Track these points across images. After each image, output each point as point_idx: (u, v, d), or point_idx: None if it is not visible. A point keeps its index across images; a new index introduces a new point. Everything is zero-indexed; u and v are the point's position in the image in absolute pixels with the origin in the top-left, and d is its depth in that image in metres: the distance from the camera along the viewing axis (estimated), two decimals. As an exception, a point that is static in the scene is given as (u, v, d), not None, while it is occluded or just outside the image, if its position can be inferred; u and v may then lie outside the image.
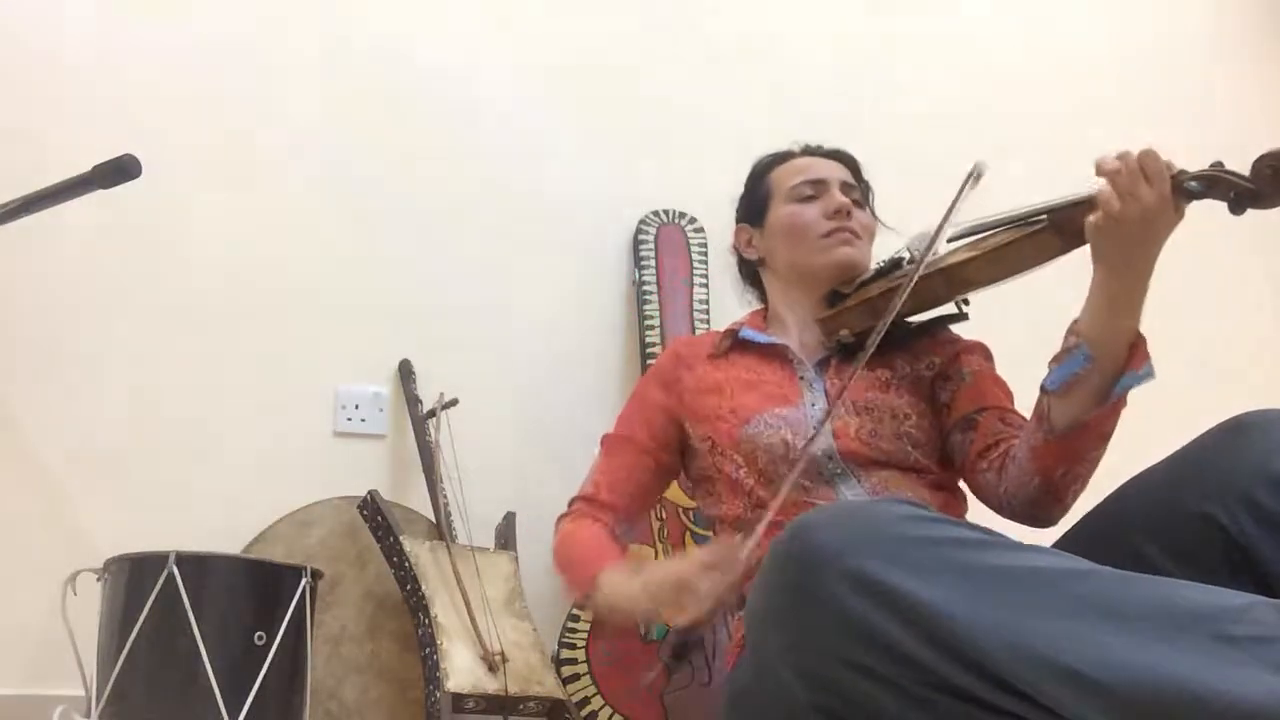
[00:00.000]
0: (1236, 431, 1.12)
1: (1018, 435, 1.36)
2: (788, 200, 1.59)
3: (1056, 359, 1.27)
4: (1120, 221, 1.19)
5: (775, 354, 1.55)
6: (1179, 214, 1.20)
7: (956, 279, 1.40)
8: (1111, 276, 1.22)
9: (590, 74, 2.38)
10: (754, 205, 1.66)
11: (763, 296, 1.69)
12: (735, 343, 1.58)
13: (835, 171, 1.61)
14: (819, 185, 1.58)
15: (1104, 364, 1.22)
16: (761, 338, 1.57)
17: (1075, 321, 1.27)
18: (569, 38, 2.39)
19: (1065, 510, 1.30)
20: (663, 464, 1.62)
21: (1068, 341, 1.27)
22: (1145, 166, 1.18)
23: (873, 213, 1.64)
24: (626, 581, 1.37)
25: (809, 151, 1.66)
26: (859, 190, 1.62)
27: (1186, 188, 1.18)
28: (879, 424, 1.44)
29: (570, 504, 1.63)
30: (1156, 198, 1.17)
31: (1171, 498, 1.12)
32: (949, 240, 1.41)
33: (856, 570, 0.90)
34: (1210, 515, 1.07)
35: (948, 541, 0.92)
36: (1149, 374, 1.23)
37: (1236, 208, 1.18)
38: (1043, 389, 1.28)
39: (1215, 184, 1.18)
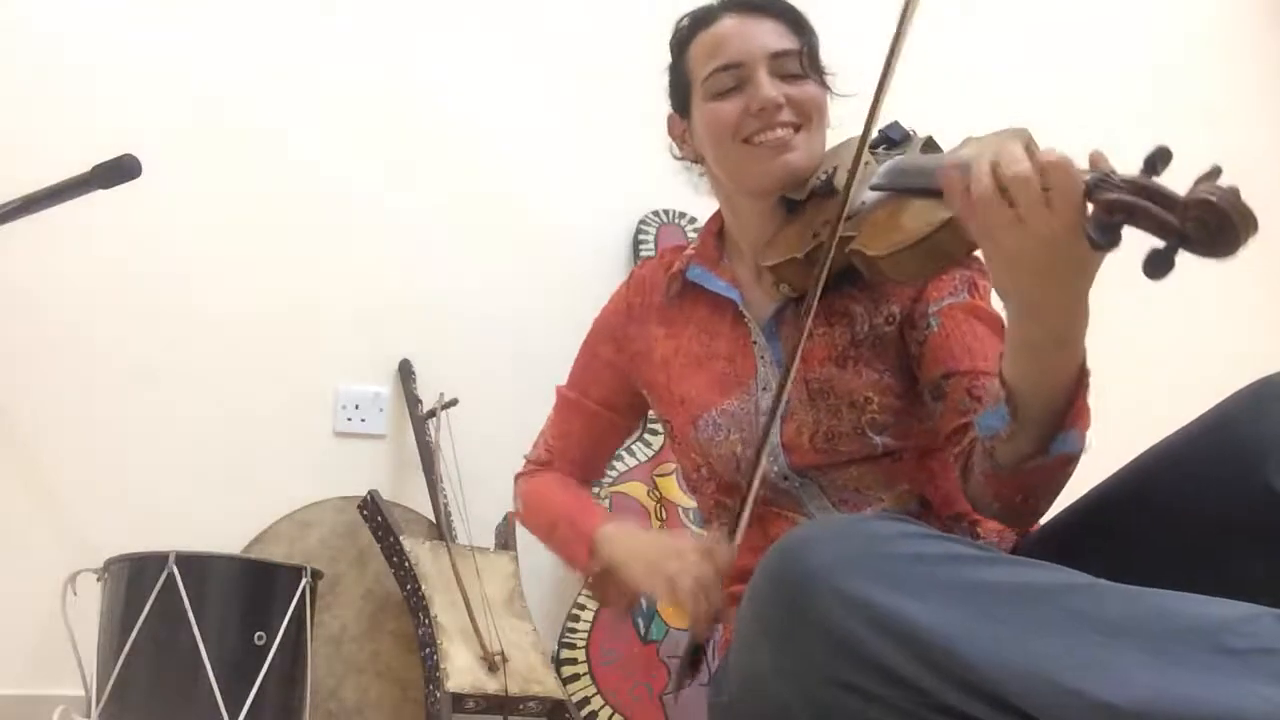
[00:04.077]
0: (1272, 395, 1.02)
1: None
2: (705, 96, 1.30)
3: (990, 398, 1.08)
4: (1012, 260, 0.93)
5: (728, 306, 1.34)
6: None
7: (874, 270, 1.13)
8: (1023, 320, 0.98)
9: (590, 74, 2.37)
10: (678, 91, 1.36)
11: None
12: (685, 286, 1.38)
13: (762, 40, 1.28)
14: (739, 71, 1.27)
15: (1036, 415, 1.02)
16: (711, 283, 1.35)
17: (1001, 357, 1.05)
18: (569, 38, 2.39)
19: (1037, 519, 1.16)
20: (617, 425, 1.50)
21: (993, 386, 1.06)
22: (1050, 184, 0.89)
23: (818, 75, 1.30)
24: (629, 541, 1.28)
25: (729, 5, 1.32)
26: (799, 55, 1.28)
27: (1089, 235, 0.87)
28: (836, 418, 1.25)
29: (525, 465, 1.54)
30: (1060, 228, 0.89)
31: (1214, 465, 1.01)
32: (871, 187, 1.16)
33: (848, 590, 0.87)
34: (1270, 484, 0.96)
35: (941, 559, 0.90)
36: (1075, 445, 1.03)
37: (1158, 266, 0.83)
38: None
39: (1136, 213, 0.86)
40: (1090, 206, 0.89)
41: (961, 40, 2.69)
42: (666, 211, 2.36)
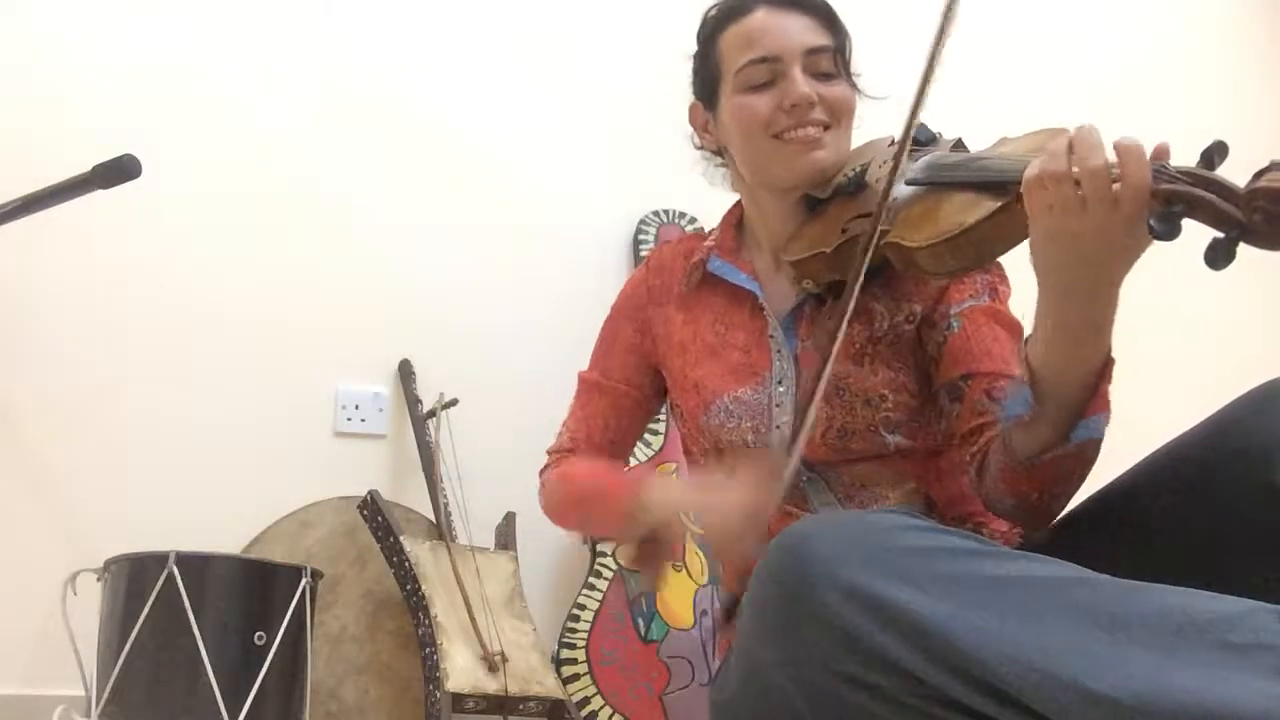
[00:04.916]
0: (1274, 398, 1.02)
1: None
2: (737, 88, 1.29)
3: (1013, 384, 1.10)
4: (1063, 241, 0.95)
5: (746, 298, 1.35)
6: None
7: (910, 263, 1.14)
8: (1060, 303, 1.00)
9: (590, 74, 2.37)
10: (705, 81, 1.36)
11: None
12: (704, 276, 1.39)
13: (798, 36, 1.28)
14: (774, 65, 1.27)
15: (1058, 401, 1.03)
16: (731, 274, 1.36)
17: (1026, 341, 1.07)
18: (568, 38, 2.39)
19: (1051, 519, 1.15)
20: (641, 405, 1.48)
21: (988, 364, 1.08)
22: (1124, 168, 0.91)
23: (849, 75, 1.32)
24: (675, 489, 1.26)
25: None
26: (832, 53, 1.29)
27: (1150, 225, 0.88)
28: (850, 415, 1.25)
29: (549, 455, 1.52)
30: (1121, 220, 0.92)
31: (1220, 467, 1.01)
32: (907, 182, 1.17)
33: (851, 583, 0.88)
34: (1276, 485, 0.97)
35: (943, 552, 0.91)
36: (1098, 429, 1.04)
37: (1219, 255, 0.86)
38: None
39: (1197, 205, 0.88)
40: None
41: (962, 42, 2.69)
42: (666, 211, 2.36)
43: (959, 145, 1.24)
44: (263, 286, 2.05)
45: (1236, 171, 0.89)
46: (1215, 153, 0.89)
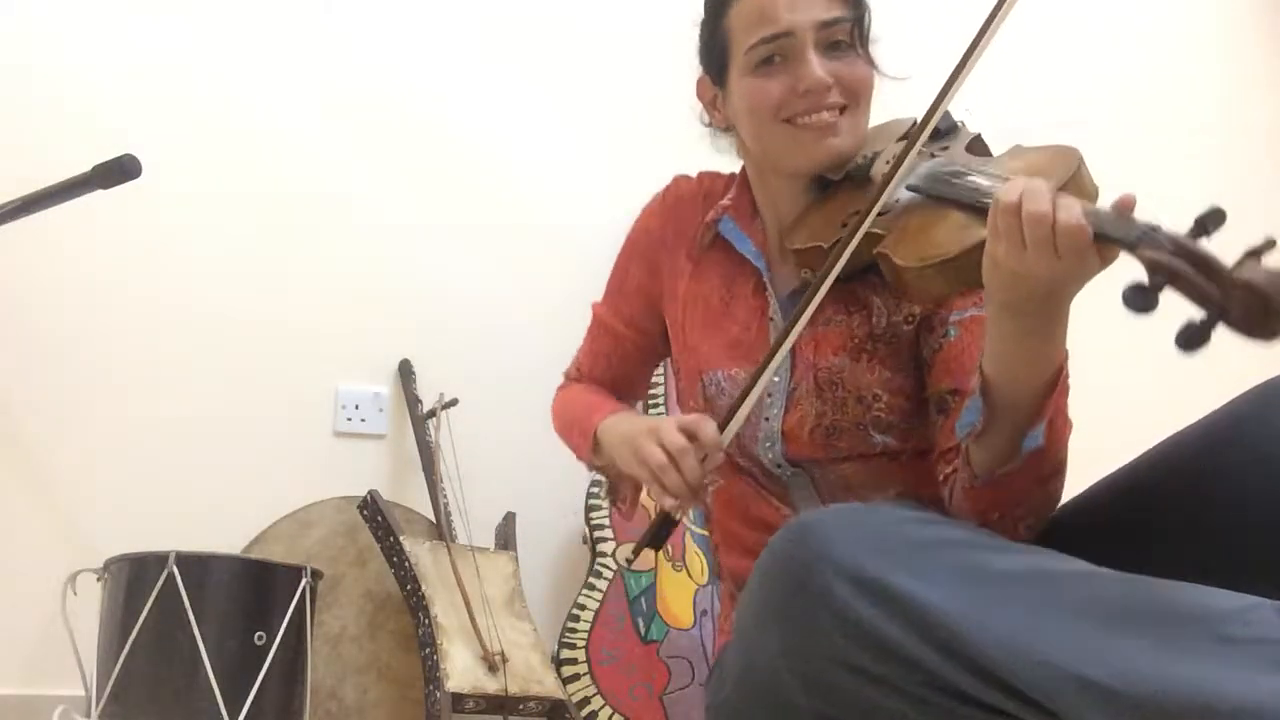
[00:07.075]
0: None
1: None
2: (746, 68, 1.22)
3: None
4: (1005, 269, 0.93)
5: (752, 271, 1.31)
6: (1105, 261, 0.91)
7: (898, 280, 1.10)
8: (999, 315, 0.98)
9: (590, 74, 2.38)
10: (712, 55, 1.29)
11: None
12: (716, 238, 1.35)
13: (811, 8, 1.19)
14: (785, 43, 1.19)
15: (1011, 414, 1.01)
16: (741, 243, 1.32)
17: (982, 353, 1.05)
18: (569, 38, 2.39)
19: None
20: (644, 349, 1.46)
21: (973, 380, 1.05)
22: (1060, 234, 0.89)
23: (867, 50, 1.24)
24: (620, 426, 1.26)
25: None
26: (847, 24, 1.21)
27: (1125, 296, 0.83)
28: (840, 412, 1.22)
29: (563, 377, 1.54)
30: (1060, 271, 0.91)
31: (1220, 464, 1.01)
32: (908, 187, 1.13)
33: (858, 571, 0.89)
34: (1276, 484, 0.96)
35: (950, 543, 0.92)
36: (1035, 440, 1.01)
37: (1193, 339, 0.81)
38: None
39: (1178, 278, 0.82)
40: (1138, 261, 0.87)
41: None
42: (666, 211, 2.36)
43: (977, 141, 1.21)
44: (263, 286, 2.05)
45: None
46: (1209, 221, 0.84)
